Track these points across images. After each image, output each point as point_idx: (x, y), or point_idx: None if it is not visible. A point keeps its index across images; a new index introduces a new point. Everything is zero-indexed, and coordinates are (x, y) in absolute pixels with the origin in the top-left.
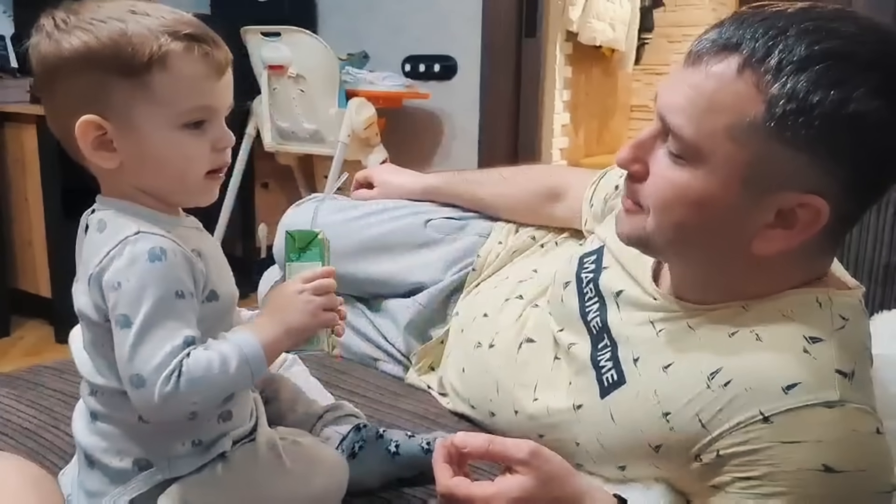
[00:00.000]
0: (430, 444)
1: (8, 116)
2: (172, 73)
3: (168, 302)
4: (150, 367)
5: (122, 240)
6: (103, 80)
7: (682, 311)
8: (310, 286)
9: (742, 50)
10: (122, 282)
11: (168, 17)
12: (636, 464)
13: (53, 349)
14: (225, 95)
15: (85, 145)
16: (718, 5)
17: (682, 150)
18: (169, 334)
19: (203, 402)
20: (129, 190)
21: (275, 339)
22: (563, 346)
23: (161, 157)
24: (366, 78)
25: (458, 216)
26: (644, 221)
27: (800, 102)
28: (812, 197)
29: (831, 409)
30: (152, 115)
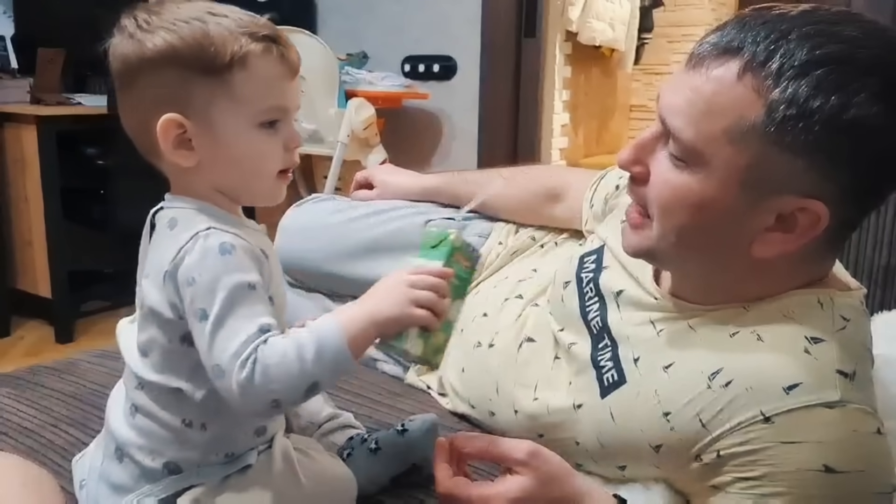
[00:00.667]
0: (404, 426)
1: (8, 117)
2: (252, 73)
3: (240, 292)
4: (226, 357)
5: (193, 235)
6: (186, 79)
7: (682, 311)
8: (410, 277)
9: (743, 53)
10: (195, 277)
11: (245, 18)
12: (636, 464)
13: (53, 349)
14: (296, 96)
15: (165, 143)
16: (718, 5)
17: (682, 153)
18: (243, 323)
19: (283, 390)
20: (201, 189)
21: (360, 327)
22: (563, 346)
23: (238, 155)
24: (365, 78)
25: (457, 217)
26: (649, 232)
27: (800, 108)
28: (812, 201)
29: (832, 410)
30: (232, 113)
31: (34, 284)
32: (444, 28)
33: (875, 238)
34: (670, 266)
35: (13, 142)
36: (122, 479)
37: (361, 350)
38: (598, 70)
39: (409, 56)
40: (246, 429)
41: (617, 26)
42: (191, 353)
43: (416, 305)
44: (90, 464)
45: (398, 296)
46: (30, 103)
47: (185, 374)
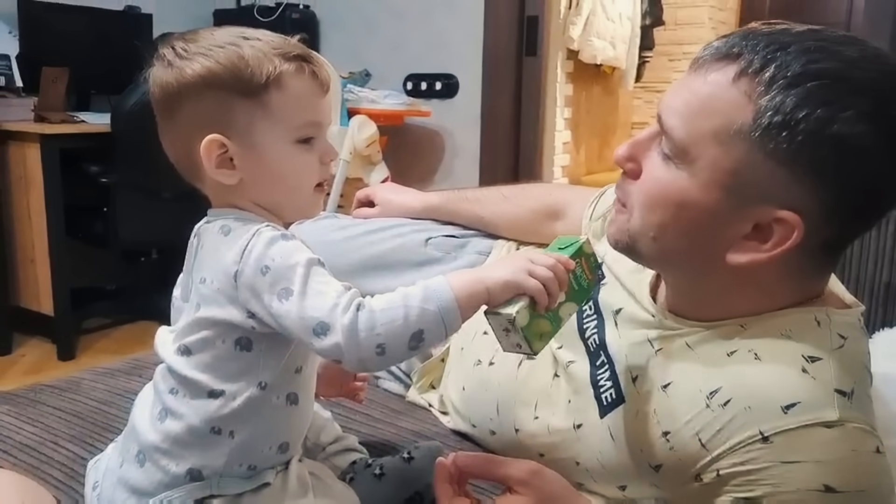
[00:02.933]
0: (410, 453)
1: (12, 135)
2: (287, 92)
3: (314, 265)
4: (324, 310)
5: (254, 232)
6: (225, 101)
7: (679, 328)
8: (532, 252)
9: (741, 60)
10: (268, 264)
11: (276, 40)
12: (636, 483)
13: (55, 367)
14: (329, 112)
15: (209, 163)
16: (718, 24)
17: (671, 150)
18: (326, 285)
19: (388, 335)
20: (244, 205)
21: (469, 284)
22: (561, 364)
23: (278, 171)
24: (367, 96)
25: (458, 234)
26: (628, 222)
27: (785, 116)
28: (788, 213)
29: (831, 429)
30: (270, 131)
31: (36, 301)
32: (445, 46)
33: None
34: (652, 266)
35: (17, 159)
36: (141, 483)
37: (470, 308)
38: (599, 88)
39: (412, 74)
40: (272, 442)
41: (618, 45)
42: (242, 357)
43: (533, 276)
44: (106, 466)
45: (514, 263)
46: (34, 121)
47: (231, 377)
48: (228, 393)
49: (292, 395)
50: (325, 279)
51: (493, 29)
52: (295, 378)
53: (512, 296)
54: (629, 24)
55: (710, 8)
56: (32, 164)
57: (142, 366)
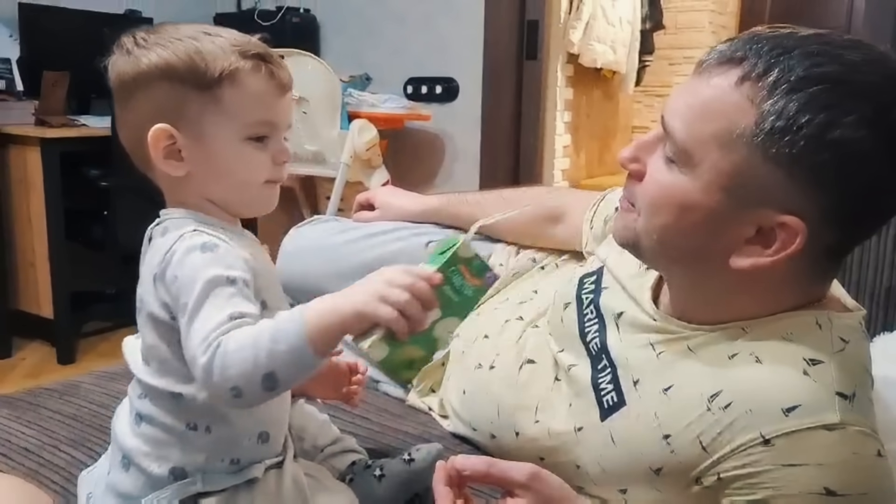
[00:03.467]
0: (411, 455)
1: (13, 138)
2: (241, 89)
3: (217, 284)
4: (195, 343)
5: (179, 237)
6: (178, 93)
7: (681, 332)
8: (389, 273)
9: (745, 63)
10: (178, 274)
11: (238, 38)
12: (637, 487)
13: (55, 370)
14: (286, 113)
15: (156, 153)
16: (719, 28)
17: (674, 153)
18: (214, 311)
19: (240, 377)
20: (193, 199)
21: (321, 316)
22: (563, 367)
23: (225, 166)
24: (368, 100)
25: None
26: (635, 222)
27: (788, 120)
28: (791, 218)
29: (832, 432)
30: (220, 126)
31: (36, 305)
32: (446, 50)
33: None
34: (656, 266)
35: (17, 163)
36: (128, 487)
37: (325, 344)
38: (599, 92)
39: (412, 78)
40: (250, 433)
41: (618, 49)
42: None
43: (386, 303)
44: (98, 475)
45: (368, 288)
46: (34, 125)
47: (186, 378)
48: (187, 394)
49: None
50: (220, 303)
51: (494, 33)
52: None
53: (368, 326)
54: (629, 28)
55: (710, 12)
56: (33, 168)
57: None
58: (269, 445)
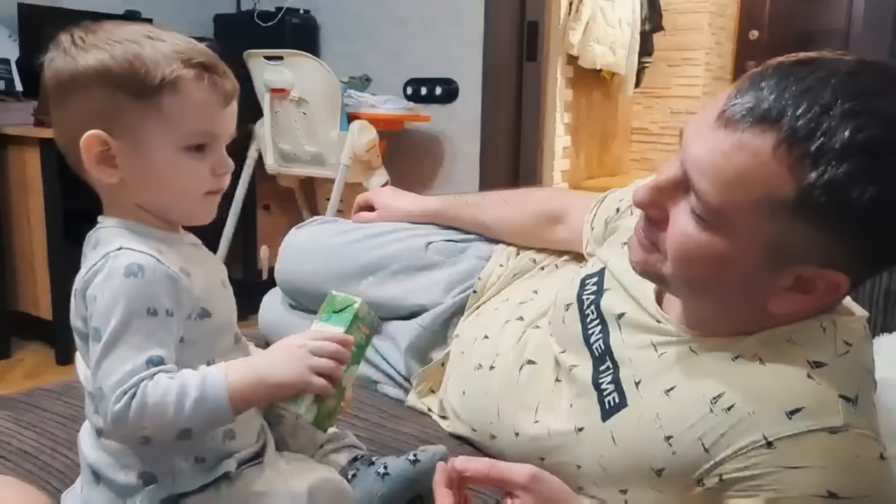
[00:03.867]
0: (416, 456)
1: (12, 139)
2: (181, 97)
3: (137, 318)
4: (109, 383)
5: (104, 255)
6: (114, 98)
7: (684, 333)
8: (312, 344)
9: (781, 126)
10: (97, 295)
11: (182, 44)
12: (638, 487)
13: (54, 371)
14: (228, 123)
15: (88, 159)
16: (718, 29)
17: (706, 214)
18: (132, 352)
19: (154, 429)
20: (129, 206)
21: (247, 385)
22: (564, 368)
23: (161, 176)
24: (367, 101)
25: (459, 239)
26: (660, 263)
27: (835, 195)
28: (834, 273)
29: (835, 435)
30: (157, 134)
31: (35, 306)
32: (446, 51)
33: None
34: (679, 297)
35: (16, 164)
36: (101, 501)
37: (245, 407)
38: (599, 93)
39: (412, 79)
40: (213, 433)
41: (618, 50)
42: None
43: (315, 373)
44: (75, 494)
45: (297, 362)
46: (33, 126)
47: None
48: None
49: None
50: (136, 342)
51: (494, 34)
52: None
53: (293, 394)
54: (629, 30)
55: (709, 14)
56: (32, 169)
57: None
58: (237, 441)
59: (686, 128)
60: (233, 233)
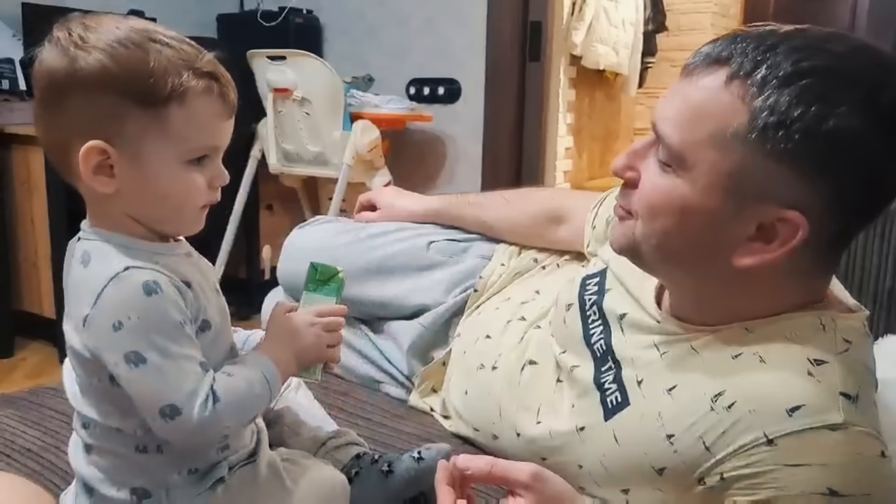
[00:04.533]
0: (420, 454)
1: (15, 138)
2: (189, 110)
3: (177, 331)
4: (182, 395)
5: (112, 277)
6: (118, 107)
7: (684, 333)
8: (322, 321)
9: (731, 63)
10: (122, 321)
11: (187, 50)
12: (639, 487)
13: (57, 370)
14: (228, 135)
15: (85, 169)
16: (721, 30)
17: (668, 158)
18: (186, 362)
19: (235, 423)
20: (119, 217)
21: (285, 364)
22: (565, 369)
23: (160, 190)
24: (370, 101)
25: (460, 238)
26: (633, 228)
27: (781, 116)
28: (791, 212)
29: (835, 432)
30: (160, 146)
31: (38, 305)
32: (448, 51)
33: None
34: (656, 271)
35: (20, 163)
36: None
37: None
38: (601, 93)
39: (414, 79)
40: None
41: (621, 50)
42: (122, 393)
43: (331, 347)
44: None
45: (313, 339)
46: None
47: (123, 412)
48: (126, 428)
49: None
50: (186, 351)
51: (496, 34)
52: None
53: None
54: (632, 30)
55: (712, 14)
56: (36, 169)
57: None
58: (230, 449)
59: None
60: (235, 232)
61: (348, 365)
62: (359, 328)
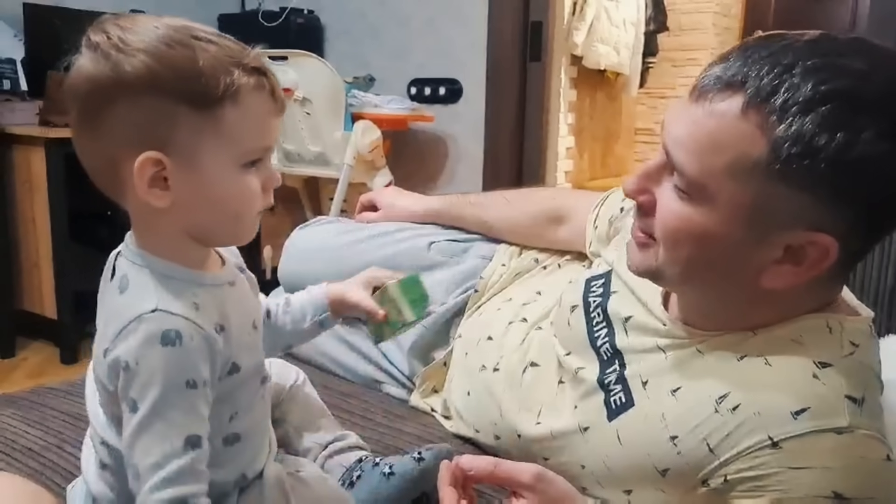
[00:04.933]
0: (421, 454)
1: (17, 138)
2: (242, 109)
3: (177, 392)
4: (146, 463)
5: (137, 316)
6: (168, 111)
7: (690, 336)
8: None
9: (746, 88)
10: (131, 364)
11: (232, 47)
12: (642, 488)
13: (58, 370)
14: (278, 134)
15: (141, 183)
16: (723, 30)
17: (686, 186)
18: (170, 430)
19: None
20: (168, 232)
21: None
22: (568, 371)
23: (219, 197)
24: (371, 101)
25: (461, 239)
26: (655, 255)
27: (804, 146)
28: (820, 235)
29: (840, 436)
30: (217, 151)
31: (40, 305)
32: (449, 52)
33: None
34: (677, 290)
35: (22, 163)
36: None
37: None
38: (602, 94)
39: (416, 79)
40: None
41: (622, 50)
42: None
43: None
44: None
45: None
46: (38, 125)
47: None
48: None
49: (231, 437)
50: (176, 418)
51: (497, 34)
52: (229, 424)
53: None
54: (633, 30)
55: (714, 14)
56: (37, 169)
57: None
58: (249, 479)
59: (666, 114)
60: None
61: (349, 365)
62: (360, 328)
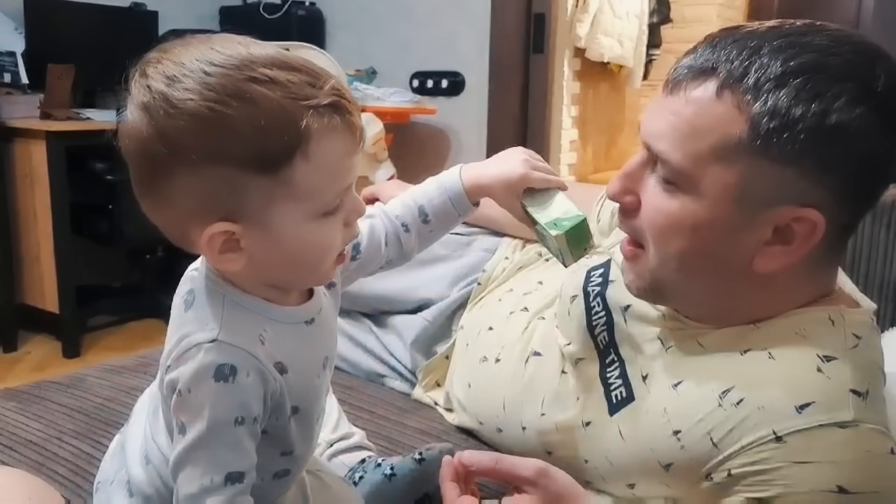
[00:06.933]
0: (422, 454)
1: (18, 132)
2: (316, 160)
3: (223, 428)
4: (184, 492)
5: (197, 343)
6: (234, 180)
7: (690, 326)
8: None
9: (719, 72)
10: (184, 391)
11: (297, 81)
12: (645, 482)
13: (60, 364)
14: (359, 166)
15: (212, 253)
16: (726, 21)
17: (671, 176)
18: (212, 465)
19: None
20: (243, 278)
21: None
22: (569, 361)
23: (296, 252)
24: (373, 93)
25: (464, 232)
26: (647, 263)
27: (782, 118)
28: (806, 210)
29: (845, 430)
30: (292, 210)
31: (42, 299)
32: (452, 44)
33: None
34: (678, 297)
35: (23, 157)
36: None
37: None
38: (606, 86)
39: (418, 72)
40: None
41: (625, 42)
42: None
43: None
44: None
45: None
46: (39, 118)
47: None
48: None
49: (281, 472)
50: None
51: (500, 26)
52: (281, 460)
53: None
54: (636, 22)
55: (718, 6)
56: (38, 162)
57: (147, 363)
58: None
59: (643, 114)
60: None
61: (352, 359)
62: (362, 322)
